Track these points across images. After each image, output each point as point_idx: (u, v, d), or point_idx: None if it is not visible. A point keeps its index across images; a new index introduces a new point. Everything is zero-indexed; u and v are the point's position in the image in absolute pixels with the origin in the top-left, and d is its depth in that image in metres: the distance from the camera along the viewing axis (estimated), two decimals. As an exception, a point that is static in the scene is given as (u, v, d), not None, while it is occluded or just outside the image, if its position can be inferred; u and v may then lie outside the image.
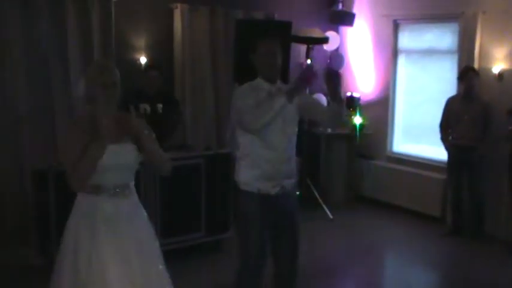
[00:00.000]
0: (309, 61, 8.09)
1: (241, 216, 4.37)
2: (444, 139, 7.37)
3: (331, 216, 7.96)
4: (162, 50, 7.47)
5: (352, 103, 8.73)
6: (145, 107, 6.44)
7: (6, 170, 6.38)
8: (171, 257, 6.08)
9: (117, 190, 3.48)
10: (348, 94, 8.80)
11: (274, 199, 4.24)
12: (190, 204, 6.34)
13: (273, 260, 4.46)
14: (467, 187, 7.29)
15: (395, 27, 8.56)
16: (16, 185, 6.41)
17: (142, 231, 3.62)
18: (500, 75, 7.16)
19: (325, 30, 8.53)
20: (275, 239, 4.39)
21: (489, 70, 7.25)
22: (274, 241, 4.40)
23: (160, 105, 6.51)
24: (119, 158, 3.43)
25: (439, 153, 7.95)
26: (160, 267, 3.67)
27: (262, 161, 4.18)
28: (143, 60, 7.25)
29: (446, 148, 7.36)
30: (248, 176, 4.23)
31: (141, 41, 7.30)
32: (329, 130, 8.63)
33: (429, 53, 8.23)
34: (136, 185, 3.64)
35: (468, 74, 7.03)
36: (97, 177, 3.37)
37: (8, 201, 6.37)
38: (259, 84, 4.21)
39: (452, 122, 7.24)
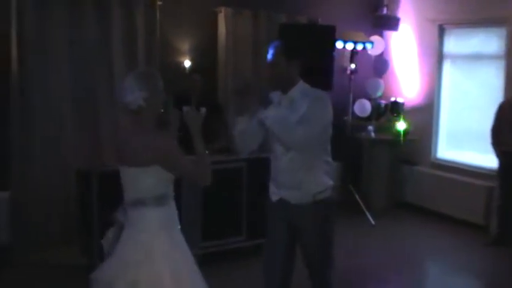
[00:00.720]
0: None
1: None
2: (495, 145, 7.18)
3: (373, 222, 7.90)
4: (205, 54, 7.53)
5: (396, 108, 8.68)
6: (188, 109, 6.47)
7: (50, 170, 6.51)
8: (211, 260, 6.15)
9: (174, 195, 3.60)
10: (392, 99, 8.75)
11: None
12: (232, 207, 6.37)
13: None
14: None
15: (441, 31, 8.47)
16: (60, 185, 6.52)
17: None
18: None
19: (369, 35, 8.48)
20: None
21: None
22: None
23: (203, 109, 6.53)
24: None
25: (483, 160, 7.86)
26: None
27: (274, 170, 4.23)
28: (187, 63, 7.30)
29: (497, 155, 7.19)
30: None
31: (185, 45, 7.36)
32: (372, 135, 8.58)
33: (475, 58, 8.12)
34: (178, 188, 3.66)
35: None
36: (166, 187, 3.47)
37: (52, 201, 6.50)
38: (272, 96, 4.25)
39: (504, 128, 7.04)
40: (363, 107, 8.58)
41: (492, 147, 7.25)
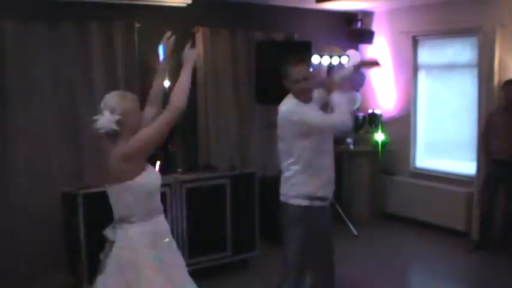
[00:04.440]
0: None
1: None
2: (484, 152, 7.31)
3: (355, 233, 7.99)
4: (184, 73, 7.57)
5: (374, 120, 8.80)
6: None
7: (36, 194, 6.49)
8: (197, 276, 6.17)
9: (162, 208, 3.63)
10: (370, 111, 8.87)
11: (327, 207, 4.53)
12: (217, 223, 6.42)
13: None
14: (502, 202, 7.22)
15: (415, 43, 8.61)
16: (46, 207, 6.50)
17: None
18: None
19: (345, 49, 8.60)
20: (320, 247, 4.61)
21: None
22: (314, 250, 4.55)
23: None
24: (158, 177, 3.60)
25: (461, 167, 8.00)
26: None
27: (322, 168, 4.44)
28: (167, 83, 7.36)
29: (485, 162, 7.29)
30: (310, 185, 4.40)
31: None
32: (351, 147, 8.68)
33: (449, 68, 8.27)
34: (163, 205, 3.71)
35: (506, 87, 7.02)
36: (151, 201, 3.50)
37: (38, 224, 6.47)
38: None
39: (491, 136, 7.15)
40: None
41: (480, 154, 7.39)
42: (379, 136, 8.59)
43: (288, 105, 4.40)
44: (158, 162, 5.98)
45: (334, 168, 4.59)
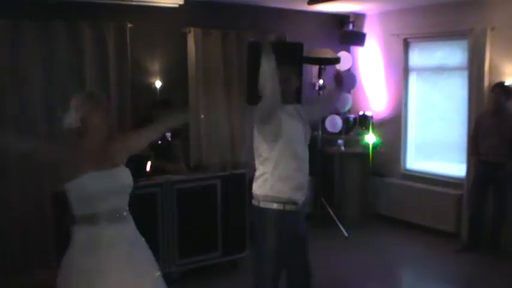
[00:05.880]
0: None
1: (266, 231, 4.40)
2: (473, 154, 7.34)
3: (346, 234, 8.01)
4: (176, 74, 7.60)
5: (365, 122, 8.82)
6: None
7: (26, 193, 6.49)
8: (188, 277, 6.21)
9: (117, 215, 3.47)
10: (361, 113, 8.89)
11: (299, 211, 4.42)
12: (207, 224, 6.42)
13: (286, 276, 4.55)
14: (490, 203, 7.25)
15: (406, 45, 8.65)
16: (36, 207, 6.51)
17: (144, 255, 3.60)
18: (511, 90, 7.19)
19: (337, 51, 8.61)
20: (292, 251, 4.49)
21: (499, 85, 7.29)
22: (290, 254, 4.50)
23: (169, 135, 6.65)
24: (114, 182, 3.45)
25: (451, 169, 8.04)
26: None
27: (293, 171, 4.34)
28: (158, 84, 7.38)
29: (474, 164, 7.32)
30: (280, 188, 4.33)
31: (155, 65, 7.44)
32: (342, 148, 8.71)
33: (440, 70, 8.31)
34: (153, 206, 3.69)
35: (495, 90, 7.04)
36: (91, 206, 3.38)
37: (28, 224, 6.48)
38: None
39: (480, 138, 7.18)
40: (334, 123, 8.68)
41: (470, 156, 7.43)
42: (370, 138, 8.61)
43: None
44: (149, 163, 5.99)
45: (309, 172, 4.50)
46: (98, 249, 3.37)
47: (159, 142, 6.54)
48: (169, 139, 6.63)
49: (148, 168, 5.95)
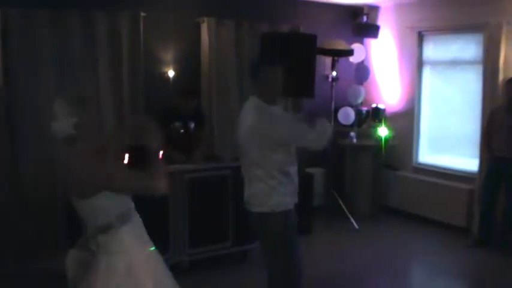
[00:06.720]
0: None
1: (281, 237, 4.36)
2: (486, 149, 7.31)
3: (357, 227, 8.00)
4: (189, 63, 7.59)
5: (378, 114, 8.79)
6: (179, 125, 6.61)
7: (41, 179, 6.53)
8: (198, 266, 6.23)
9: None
10: (373, 105, 8.87)
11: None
12: (218, 214, 6.43)
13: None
14: (502, 198, 7.21)
15: (420, 38, 8.61)
16: (49, 196, 6.54)
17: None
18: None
19: (350, 43, 8.59)
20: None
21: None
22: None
23: (192, 124, 6.68)
24: None
25: (463, 163, 8.00)
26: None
27: (295, 176, 4.37)
28: (171, 73, 7.38)
29: (487, 159, 7.29)
30: (285, 194, 4.33)
31: (169, 55, 7.43)
32: (354, 141, 8.68)
33: (454, 64, 8.25)
34: (165, 196, 3.64)
35: (509, 85, 6.99)
36: (127, 203, 3.36)
37: (40, 211, 6.52)
38: (266, 107, 4.31)
39: (494, 133, 7.14)
40: (347, 115, 8.67)
41: (482, 151, 7.39)
42: (383, 131, 8.57)
43: (256, 114, 4.31)
44: (161, 152, 5.98)
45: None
46: (143, 240, 3.42)
47: (181, 131, 6.57)
48: (191, 128, 6.67)
49: (160, 157, 5.94)
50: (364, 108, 8.95)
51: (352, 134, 8.69)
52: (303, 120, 4.27)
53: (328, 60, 8.45)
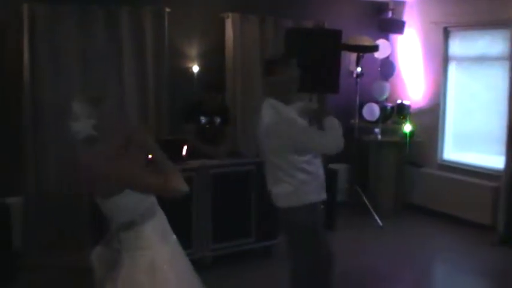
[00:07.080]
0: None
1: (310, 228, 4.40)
2: (511, 146, 7.23)
3: (380, 224, 7.97)
4: (213, 59, 7.61)
5: (403, 111, 8.75)
6: (204, 119, 6.62)
7: (63, 175, 6.59)
8: (221, 262, 6.24)
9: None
10: (398, 102, 8.82)
11: None
12: (241, 210, 6.44)
13: None
14: None
15: (446, 34, 8.53)
16: (72, 189, 6.60)
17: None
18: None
19: (375, 38, 8.54)
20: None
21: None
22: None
23: (218, 119, 6.69)
24: None
25: (489, 161, 7.92)
26: None
27: (318, 171, 4.37)
28: (195, 68, 7.40)
29: None
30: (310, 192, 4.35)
31: (193, 50, 7.46)
32: (379, 137, 8.64)
33: (480, 60, 8.17)
34: (190, 190, 3.66)
35: None
36: (149, 198, 3.36)
37: (65, 205, 6.58)
38: (288, 110, 4.25)
39: None
40: (371, 111, 8.63)
41: (508, 148, 7.31)
42: (407, 127, 8.52)
43: (275, 118, 4.23)
44: (185, 147, 6.02)
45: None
46: (167, 236, 3.46)
47: (207, 126, 6.59)
48: (217, 123, 6.69)
49: (184, 152, 5.98)
50: (389, 104, 8.90)
51: (377, 130, 8.65)
52: (312, 119, 4.27)
53: (353, 56, 8.43)
